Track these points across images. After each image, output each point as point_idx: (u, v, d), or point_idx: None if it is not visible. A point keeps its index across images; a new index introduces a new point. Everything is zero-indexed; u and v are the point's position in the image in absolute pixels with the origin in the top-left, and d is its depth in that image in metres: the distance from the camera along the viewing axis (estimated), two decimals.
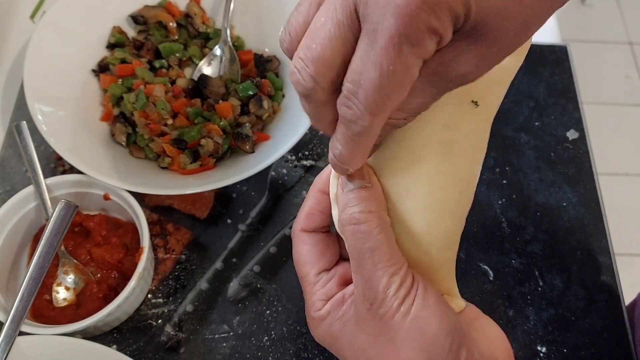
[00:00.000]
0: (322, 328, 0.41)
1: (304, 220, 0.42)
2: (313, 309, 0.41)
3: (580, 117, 0.78)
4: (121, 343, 0.61)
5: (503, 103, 0.41)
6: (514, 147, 0.75)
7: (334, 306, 0.40)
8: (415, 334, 0.36)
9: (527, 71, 0.81)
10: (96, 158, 0.64)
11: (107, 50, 0.73)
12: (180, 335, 0.62)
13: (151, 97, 0.67)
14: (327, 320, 0.40)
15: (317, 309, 0.41)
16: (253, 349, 0.61)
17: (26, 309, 0.54)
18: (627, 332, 0.64)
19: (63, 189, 0.63)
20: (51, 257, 0.56)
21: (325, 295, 0.41)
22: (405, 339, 0.36)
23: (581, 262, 0.68)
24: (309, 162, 0.72)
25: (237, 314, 0.63)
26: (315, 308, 0.41)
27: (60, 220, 0.57)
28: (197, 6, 0.76)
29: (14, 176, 0.70)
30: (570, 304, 0.65)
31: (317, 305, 0.41)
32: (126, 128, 0.68)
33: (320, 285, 0.41)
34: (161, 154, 0.67)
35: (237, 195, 0.70)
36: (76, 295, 0.60)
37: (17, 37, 0.81)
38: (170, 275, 0.65)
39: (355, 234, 0.37)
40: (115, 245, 0.62)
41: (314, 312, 0.41)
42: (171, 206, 0.67)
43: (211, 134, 0.66)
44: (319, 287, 0.41)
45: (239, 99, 0.69)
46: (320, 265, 0.42)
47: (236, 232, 0.68)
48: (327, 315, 0.40)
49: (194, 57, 0.74)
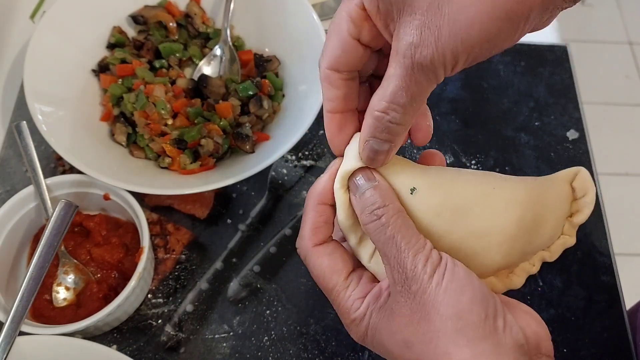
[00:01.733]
0: (362, 326, 0.41)
1: (312, 236, 0.43)
2: (352, 311, 0.41)
3: (580, 117, 0.78)
4: (121, 343, 0.61)
5: (503, 103, 0.42)
6: (514, 147, 0.75)
7: (372, 300, 0.41)
8: (449, 303, 0.37)
9: (527, 71, 0.81)
10: (96, 158, 0.64)
11: (107, 50, 0.73)
12: (180, 335, 0.62)
13: (151, 97, 0.67)
14: (366, 316, 0.40)
15: (356, 308, 0.41)
16: (253, 349, 0.61)
17: (26, 309, 0.54)
18: (627, 332, 0.64)
19: (63, 189, 0.63)
20: (51, 257, 0.56)
21: (361, 292, 0.41)
22: (441, 310, 0.37)
23: (581, 262, 0.68)
24: (309, 162, 0.72)
25: (237, 314, 0.63)
26: (354, 308, 0.41)
27: (60, 220, 0.57)
28: (197, 6, 0.76)
29: (14, 176, 0.70)
30: (570, 304, 0.65)
31: (356, 305, 0.41)
32: (126, 128, 0.68)
33: (352, 286, 0.42)
34: (161, 154, 0.67)
35: (237, 195, 0.70)
36: (76, 295, 0.60)
37: (17, 37, 0.81)
38: (170, 275, 0.65)
39: (377, 227, 0.39)
40: (115, 245, 0.62)
41: (353, 314, 0.41)
42: (171, 206, 0.67)
43: (211, 134, 0.66)
44: (353, 288, 0.42)
45: (239, 99, 0.69)
46: (346, 270, 0.42)
47: (236, 232, 0.68)
48: (367, 310, 0.40)
49: (194, 57, 0.74)
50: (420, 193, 0.41)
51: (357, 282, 0.42)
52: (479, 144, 0.75)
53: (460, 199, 0.42)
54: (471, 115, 0.77)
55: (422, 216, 0.41)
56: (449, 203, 0.41)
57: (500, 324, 0.37)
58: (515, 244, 0.43)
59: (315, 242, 0.43)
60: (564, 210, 0.47)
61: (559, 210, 0.46)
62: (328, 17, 0.82)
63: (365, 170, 0.41)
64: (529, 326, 0.39)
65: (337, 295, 0.42)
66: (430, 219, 0.41)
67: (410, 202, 0.41)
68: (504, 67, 0.81)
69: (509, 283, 0.45)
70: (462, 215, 0.41)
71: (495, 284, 0.45)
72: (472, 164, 0.73)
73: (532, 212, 0.43)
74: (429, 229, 0.41)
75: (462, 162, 0.73)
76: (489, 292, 0.38)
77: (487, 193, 0.42)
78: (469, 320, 0.36)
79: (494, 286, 0.45)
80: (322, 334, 0.62)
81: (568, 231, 0.47)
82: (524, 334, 0.38)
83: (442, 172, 0.43)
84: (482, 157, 0.74)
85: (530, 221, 0.43)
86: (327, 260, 0.42)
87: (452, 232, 0.41)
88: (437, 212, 0.41)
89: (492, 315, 0.37)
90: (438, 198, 0.41)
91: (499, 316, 0.37)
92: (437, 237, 0.41)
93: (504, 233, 0.42)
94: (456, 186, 0.42)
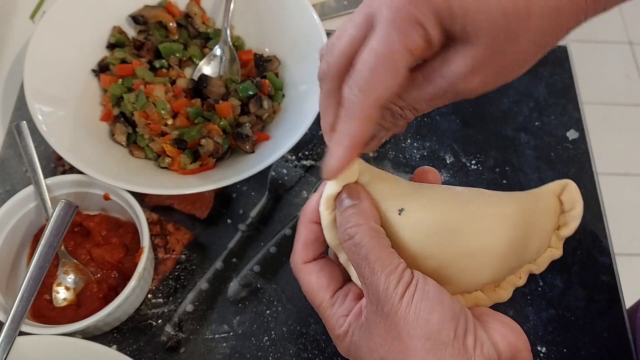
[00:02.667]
0: (346, 342, 0.41)
1: (302, 253, 0.44)
2: (336, 328, 0.42)
3: (580, 117, 0.78)
4: (121, 343, 0.61)
5: (503, 103, 0.43)
6: (514, 147, 0.75)
7: (353, 318, 0.41)
8: (419, 324, 0.37)
9: (527, 71, 0.81)
10: (96, 158, 0.64)
11: (107, 50, 0.73)
12: (180, 335, 0.62)
13: (151, 97, 0.67)
14: (349, 333, 0.41)
15: (340, 325, 0.42)
16: (253, 349, 0.61)
17: (26, 309, 0.54)
18: (627, 332, 0.64)
19: (63, 189, 0.63)
20: (51, 257, 0.56)
21: (345, 310, 0.42)
22: (411, 331, 0.37)
23: (581, 262, 0.68)
24: (309, 162, 0.72)
25: (237, 314, 0.63)
26: (339, 325, 0.42)
27: (60, 220, 0.57)
28: (197, 6, 0.76)
29: (14, 176, 0.70)
30: (570, 304, 0.65)
31: (340, 322, 0.42)
32: (126, 128, 0.68)
33: (338, 304, 0.43)
34: (161, 154, 0.67)
35: (237, 195, 0.70)
36: (76, 295, 0.60)
37: (17, 37, 0.81)
38: (170, 275, 0.65)
39: (350, 247, 0.40)
40: (115, 245, 0.62)
41: (337, 330, 0.42)
42: (171, 206, 0.67)
43: (211, 134, 0.66)
44: (338, 306, 0.42)
45: (239, 99, 0.69)
46: (332, 287, 0.43)
47: (236, 232, 0.68)
48: (349, 327, 0.41)
49: (194, 57, 0.74)
50: (409, 213, 0.41)
51: (342, 300, 0.43)
52: (479, 143, 0.75)
53: (450, 219, 0.42)
54: (471, 115, 0.77)
55: (411, 236, 0.41)
56: (438, 224, 0.41)
57: (470, 342, 0.37)
58: (504, 262, 0.43)
59: (304, 259, 0.44)
60: (551, 223, 0.47)
61: (547, 224, 0.47)
62: (328, 17, 0.82)
63: (351, 189, 0.42)
64: (505, 338, 0.39)
65: (324, 311, 0.43)
66: (418, 239, 0.41)
67: (399, 223, 0.42)
68: None
69: (496, 297, 0.46)
70: (452, 235, 0.41)
71: (482, 298, 0.45)
72: (472, 164, 0.73)
73: (522, 231, 0.43)
74: (416, 249, 0.41)
75: (462, 162, 0.73)
76: (460, 309, 0.38)
77: (478, 213, 0.43)
78: (438, 340, 0.37)
79: (481, 300, 0.45)
80: (322, 333, 0.62)
81: (555, 244, 0.47)
82: (497, 349, 0.38)
83: (432, 191, 0.44)
84: (482, 157, 0.74)
85: (520, 239, 0.43)
86: (315, 277, 0.43)
87: (441, 253, 0.41)
88: (426, 233, 0.41)
89: (461, 334, 0.37)
90: (427, 219, 0.42)
91: (469, 333, 0.38)
92: (425, 257, 0.41)
93: (494, 252, 0.42)
94: (446, 206, 0.42)
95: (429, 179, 0.46)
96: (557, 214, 0.47)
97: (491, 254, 0.42)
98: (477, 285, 0.44)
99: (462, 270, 0.42)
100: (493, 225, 0.42)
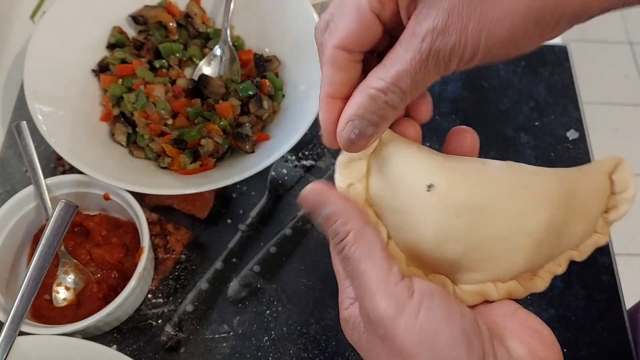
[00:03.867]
0: (347, 329, 0.38)
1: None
2: (342, 308, 0.38)
3: (580, 117, 0.78)
4: (121, 343, 0.61)
5: (503, 103, 0.42)
6: (514, 147, 0.75)
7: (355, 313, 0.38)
8: (424, 346, 0.33)
9: (527, 71, 0.81)
10: (96, 158, 0.64)
11: (107, 50, 0.73)
12: (180, 335, 0.62)
13: (151, 97, 0.67)
14: (349, 323, 0.38)
15: (345, 307, 0.38)
16: (253, 349, 0.61)
17: (26, 309, 0.54)
18: (627, 332, 0.64)
19: (63, 189, 0.63)
20: (51, 257, 0.56)
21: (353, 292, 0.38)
22: (414, 355, 0.33)
23: (581, 262, 0.68)
24: (309, 162, 0.72)
25: (237, 314, 0.63)
26: (344, 306, 0.38)
27: (60, 220, 0.57)
28: (197, 6, 0.76)
29: (14, 176, 0.70)
30: (570, 304, 0.65)
31: (345, 304, 0.38)
32: (126, 128, 0.68)
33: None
34: (161, 154, 0.67)
35: (237, 195, 0.70)
36: (76, 295, 0.60)
37: (17, 37, 0.81)
38: (170, 275, 0.65)
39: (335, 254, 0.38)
40: (115, 245, 0.62)
41: (342, 311, 0.38)
42: (171, 206, 0.67)
43: (211, 134, 0.66)
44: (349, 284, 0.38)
45: (239, 99, 0.69)
46: None
47: (236, 232, 0.68)
48: (349, 318, 0.38)
49: (194, 57, 0.74)
50: (439, 190, 0.37)
51: None
52: (479, 144, 0.75)
53: (484, 197, 0.37)
54: (471, 115, 0.77)
55: (440, 216, 0.37)
56: (470, 202, 0.37)
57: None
58: (543, 247, 0.39)
59: None
60: (599, 206, 0.41)
61: (594, 207, 0.41)
62: None
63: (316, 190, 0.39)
64: (533, 353, 0.35)
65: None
66: (448, 219, 0.37)
67: (427, 201, 0.37)
68: (504, 67, 0.81)
69: (532, 286, 0.40)
70: (485, 216, 0.37)
71: (515, 288, 0.40)
72: None
73: (564, 211, 0.38)
74: (446, 230, 0.37)
75: None
76: (473, 328, 0.34)
77: (515, 190, 0.38)
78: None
79: (515, 290, 0.40)
80: (323, 333, 0.62)
81: (601, 229, 0.42)
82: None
83: (465, 165, 0.39)
84: (482, 157, 0.73)
85: (561, 221, 0.38)
86: None
87: (472, 234, 0.37)
88: (457, 212, 0.37)
89: (478, 355, 0.33)
90: (459, 197, 0.37)
91: (488, 357, 0.33)
92: (455, 239, 0.37)
93: (531, 236, 0.37)
94: (480, 182, 0.38)
95: (466, 141, 0.42)
96: (606, 194, 0.41)
97: (528, 237, 0.37)
98: (511, 273, 0.39)
99: (494, 255, 0.37)
100: (532, 205, 0.37)
